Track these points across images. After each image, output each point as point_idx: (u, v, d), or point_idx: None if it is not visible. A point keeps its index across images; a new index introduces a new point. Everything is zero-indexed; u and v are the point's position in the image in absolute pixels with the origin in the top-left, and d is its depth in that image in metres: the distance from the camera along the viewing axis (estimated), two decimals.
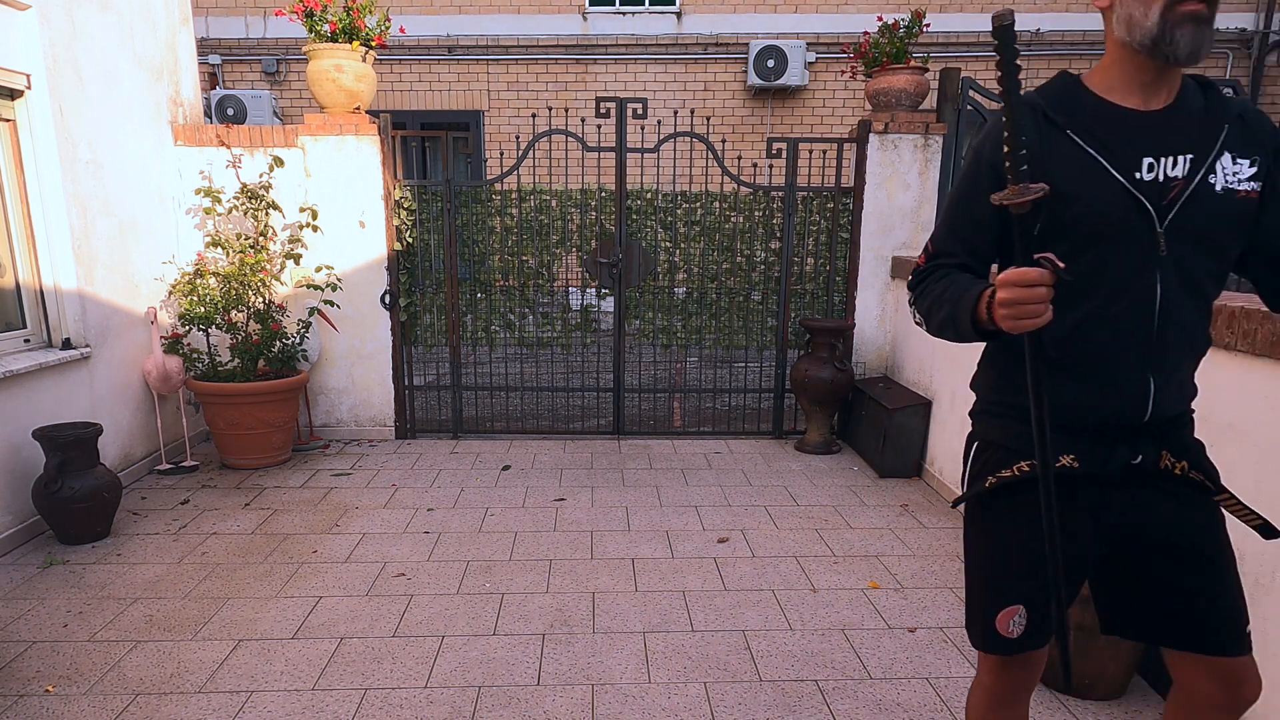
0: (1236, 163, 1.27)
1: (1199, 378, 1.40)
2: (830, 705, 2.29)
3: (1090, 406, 1.31)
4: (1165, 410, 1.32)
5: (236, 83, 8.65)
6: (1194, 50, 1.21)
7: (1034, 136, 1.28)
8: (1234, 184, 1.27)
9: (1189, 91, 1.31)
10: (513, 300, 5.01)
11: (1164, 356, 1.30)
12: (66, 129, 3.65)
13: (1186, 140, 1.26)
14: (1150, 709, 2.27)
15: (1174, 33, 1.20)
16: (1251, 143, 1.29)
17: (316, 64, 4.43)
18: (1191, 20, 1.19)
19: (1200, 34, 1.20)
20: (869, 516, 3.75)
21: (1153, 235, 1.26)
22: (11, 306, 3.56)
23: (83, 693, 2.32)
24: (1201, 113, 1.29)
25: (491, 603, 2.89)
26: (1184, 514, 1.35)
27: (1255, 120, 1.31)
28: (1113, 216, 1.26)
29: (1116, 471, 1.33)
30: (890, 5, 8.32)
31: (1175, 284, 1.27)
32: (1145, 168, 1.25)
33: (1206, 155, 1.26)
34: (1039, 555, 1.31)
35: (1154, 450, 1.33)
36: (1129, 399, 1.30)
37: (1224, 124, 1.28)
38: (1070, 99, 1.32)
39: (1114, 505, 1.35)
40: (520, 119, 8.60)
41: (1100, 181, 1.26)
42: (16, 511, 3.33)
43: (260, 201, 4.44)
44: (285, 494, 3.98)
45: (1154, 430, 1.32)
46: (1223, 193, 1.26)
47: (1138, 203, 1.25)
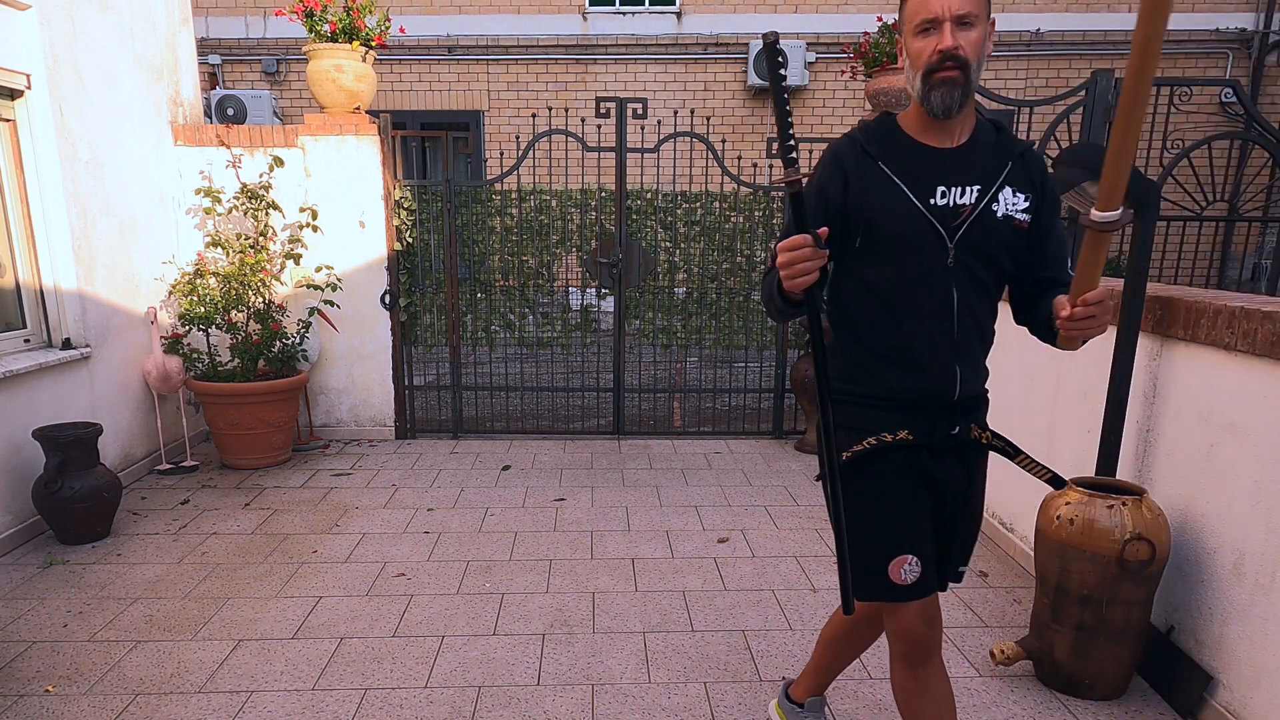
0: (1015, 195, 1.53)
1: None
2: (830, 705, 2.29)
3: (913, 389, 1.57)
4: (969, 391, 1.60)
5: (236, 83, 8.65)
6: (946, 108, 1.47)
7: (856, 165, 1.54)
8: (1012, 212, 1.53)
9: (982, 131, 1.57)
10: (513, 300, 5.01)
11: (964, 347, 1.56)
12: (66, 129, 3.65)
13: (976, 174, 1.52)
14: (1150, 709, 2.27)
15: (930, 94, 1.47)
16: (1028, 180, 1.55)
17: (316, 64, 4.43)
18: (943, 85, 1.45)
19: (950, 95, 1.45)
20: None
21: (945, 250, 1.51)
22: (11, 306, 3.57)
23: (83, 693, 2.33)
24: (991, 150, 1.55)
25: (491, 603, 2.89)
26: (978, 473, 1.69)
27: (1033, 161, 1.57)
28: (911, 234, 1.51)
29: (940, 441, 1.60)
30: (890, 5, 8.32)
31: (968, 289, 1.54)
32: (939, 195, 1.51)
33: (991, 186, 1.52)
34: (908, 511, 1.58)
35: (965, 423, 1.62)
36: (941, 382, 1.56)
37: (1008, 161, 1.54)
38: (885, 136, 1.57)
39: (939, 469, 1.61)
40: (520, 119, 8.60)
41: (902, 205, 1.51)
42: (16, 511, 3.33)
43: (260, 201, 4.44)
44: (285, 494, 3.98)
45: (962, 407, 1.60)
46: (1002, 219, 1.52)
47: (931, 223, 1.50)
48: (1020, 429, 3.29)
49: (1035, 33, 8.41)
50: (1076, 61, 8.48)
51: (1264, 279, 5.93)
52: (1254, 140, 4.74)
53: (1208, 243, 6.71)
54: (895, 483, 1.58)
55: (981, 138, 1.56)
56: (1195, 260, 5.51)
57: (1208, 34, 8.38)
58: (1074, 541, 2.21)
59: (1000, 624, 2.76)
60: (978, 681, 2.41)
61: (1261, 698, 2.00)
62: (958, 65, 1.43)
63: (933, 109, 1.48)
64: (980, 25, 1.45)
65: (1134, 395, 2.49)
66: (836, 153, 1.58)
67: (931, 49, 1.44)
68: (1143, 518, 2.15)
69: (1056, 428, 3.01)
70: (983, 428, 1.65)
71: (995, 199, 1.52)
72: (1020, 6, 8.45)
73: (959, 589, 3.00)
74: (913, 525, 1.58)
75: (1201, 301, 2.22)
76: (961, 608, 2.87)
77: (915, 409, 1.57)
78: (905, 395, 1.57)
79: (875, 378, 1.59)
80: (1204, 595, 2.22)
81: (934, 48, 1.44)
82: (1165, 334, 2.38)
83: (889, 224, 1.51)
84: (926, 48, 1.45)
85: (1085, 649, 2.26)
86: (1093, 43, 8.45)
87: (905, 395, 1.57)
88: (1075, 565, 2.22)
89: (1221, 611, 2.15)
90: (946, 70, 1.44)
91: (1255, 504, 2.03)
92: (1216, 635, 2.17)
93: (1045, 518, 2.33)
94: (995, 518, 3.49)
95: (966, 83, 1.45)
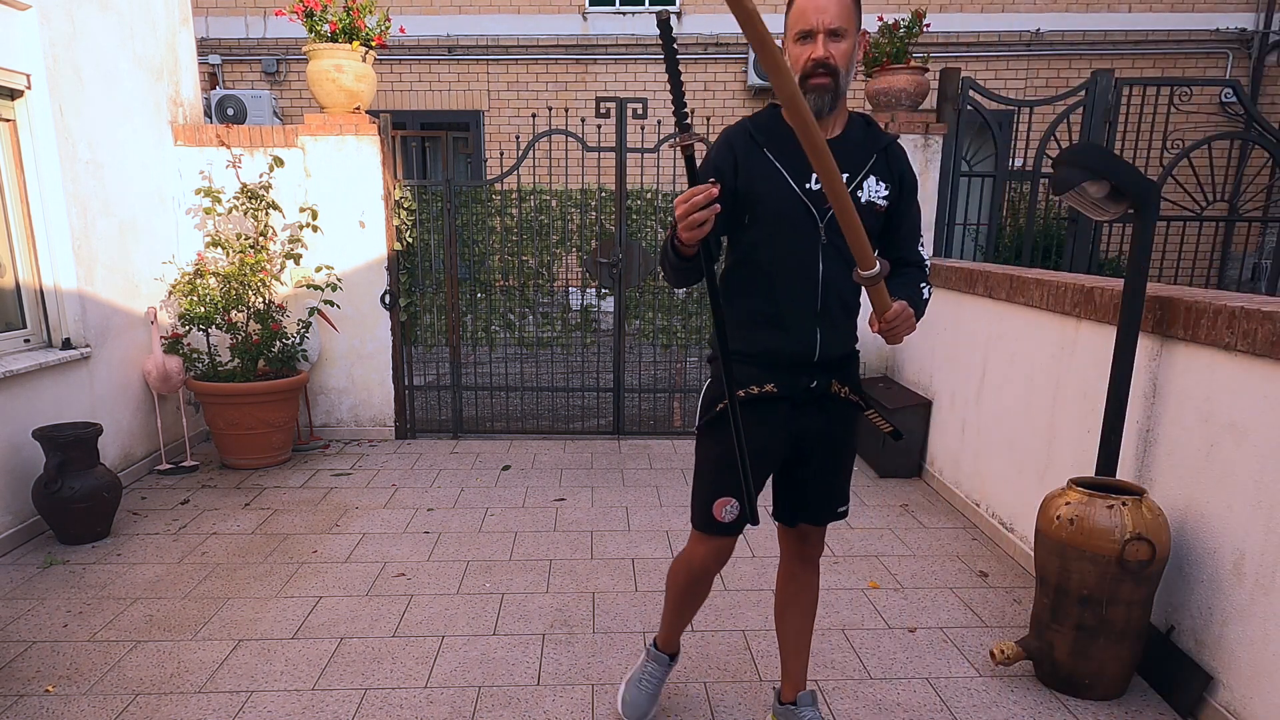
0: (878, 184, 1.77)
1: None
2: (830, 705, 2.29)
3: (779, 348, 1.80)
4: (830, 352, 1.82)
5: (236, 83, 8.65)
6: (818, 109, 1.67)
7: (744, 149, 1.75)
8: (874, 198, 1.76)
9: (854, 125, 1.79)
10: (513, 300, 5.01)
11: (826, 314, 1.78)
12: (66, 129, 3.65)
13: (846, 163, 1.71)
14: (1150, 709, 2.27)
15: (805, 96, 1.62)
16: (889, 171, 1.79)
17: (316, 64, 4.43)
18: (815, 89, 1.66)
19: (821, 98, 1.67)
20: (869, 516, 3.75)
21: (817, 228, 1.73)
22: (11, 306, 3.57)
23: (83, 693, 2.32)
24: (860, 143, 1.77)
25: (491, 603, 2.89)
26: (838, 423, 1.90)
27: (895, 154, 1.81)
28: (787, 213, 1.71)
29: (801, 394, 1.83)
30: (890, 5, 8.32)
31: (833, 264, 1.75)
32: (813, 180, 1.70)
33: (858, 175, 1.75)
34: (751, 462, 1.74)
35: (825, 379, 1.84)
36: (804, 343, 1.79)
37: (873, 153, 1.77)
38: (771, 125, 1.76)
39: (801, 418, 1.85)
40: (520, 119, 8.60)
41: (781, 187, 1.71)
42: (16, 511, 3.33)
43: (260, 201, 4.44)
44: (285, 494, 3.98)
45: (824, 365, 1.83)
46: (866, 204, 1.74)
47: (806, 205, 1.71)
48: (1020, 429, 3.29)
49: (1035, 33, 8.41)
50: (1076, 61, 8.48)
51: (1264, 279, 5.93)
52: (1254, 140, 4.74)
53: (1208, 243, 6.71)
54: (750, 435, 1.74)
55: (852, 132, 1.78)
56: (1195, 260, 5.51)
57: (1208, 34, 8.38)
58: (1074, 541, 2.21)
59: (1000, 624, 2.76)
60: (978, 681, 2.41)
61: (1261, 698, 2.00)
62: (829, 73, 1.65)
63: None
64: (850, 37, 1.66)
65: (1134, 395, 2.49)
66: (729, 138, 1.78)
67: (806, 56, 1.65)
68: (1143, 518, 2.15)
69: (1056, 428, 3.02)
70: (843, 383, 1.88)
71: (860, 186, 1.74)
72: (1020, 6, 8.45)
73: (959, 589, 3.00)
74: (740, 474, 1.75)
75: (1201, 301, 2.22)
76: (961, 608, 2.87)
77: (780, 366, 1.81)
78: (773, 354, 1.81)
79: (749, 338, 1.82)
80: (1204, 595, 2.22)
81: (808, 55, 1.65)
82: (1165, 334, 2.38)
83: (771, 204, 1.73)
84: (803, 54, 1.66)
85: (1085, 649, 2.26)
86: (1093, 43, 8.45)
87: (773, 354, 1.81)
88: (1075, 565, 2.22)
89: (1221, 611, 2.15)
90: (819, 77, 1.65)
91: (1255, 504, 2.03)
92: (1216, 635, 2.17)
93: (1045, 518, 2.33)
94: (995, 518, 3.49)
95: (836, 87, 1.67)
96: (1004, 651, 2.38)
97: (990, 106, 4.78)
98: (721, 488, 1.86)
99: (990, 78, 8.46)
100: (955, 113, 4.67)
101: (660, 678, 2.20)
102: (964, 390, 3.84)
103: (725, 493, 1.86)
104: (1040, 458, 3.13)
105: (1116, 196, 2.30)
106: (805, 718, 2.07)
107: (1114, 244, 6.55)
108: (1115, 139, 4.71)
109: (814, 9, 1.63)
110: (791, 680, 2.12)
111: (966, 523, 3.68)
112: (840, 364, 1.87)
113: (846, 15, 1.64)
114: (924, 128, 4.67)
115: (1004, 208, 5.04)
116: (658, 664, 2.20)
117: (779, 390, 1.82)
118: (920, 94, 4.70)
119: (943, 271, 4.10)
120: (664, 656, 2.20)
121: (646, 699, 2.18)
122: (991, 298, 3.54)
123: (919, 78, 4.65)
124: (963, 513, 3.78)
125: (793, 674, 2.12)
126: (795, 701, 2.11)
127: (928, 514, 3.79)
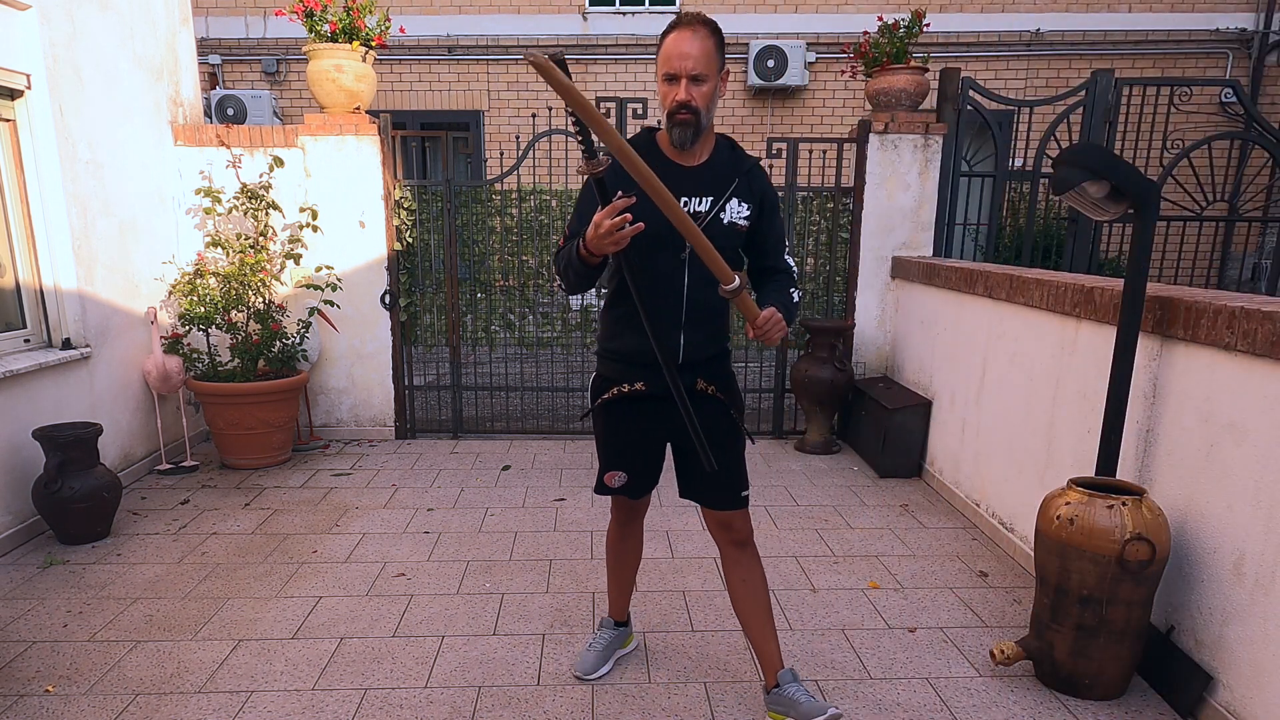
0: (741, 204, 2.00)
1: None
2: (830, 704, 2.29)
3: (647, 351, 1.95)
4: (694, 355, 2.04)
5: (236, 83, 8.65)
6: (682, 142, 1.93)
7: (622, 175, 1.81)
8: (735, 219, 1.99)
9: (720, 151, 2.02)
10: (513, 300, 5.01)
11: (690, 320, 2.01)
12: (66, 129, 3.65)
13: (710, 187, 1.97)
14: (1150, 709, 2.27)
15: (672, 130, 1.92)
16: (750, 192, 2.01)
17: (316, 64, 4.43)
18: (679, 125, 1.90)
19: (685, 133, 1.91)
20: (869, 516, 3.75)
21: (682, 245, 1.93)
22: (11, 306, 3.57)
23: (83, 693, 2.32)
24: (723, 167, 2.00)
25: (491, 603, 2.89)
26: (712, 418, 2.08)
27: (755, 176, 2.04)
28: (652, 231, 1.82)
29: (668, 391, 1.98)
30: (890, 5, 8.32)
31: (697, 277, 1.95)
32: (681, 203, 1.82)
33: (721, 198, 1.97)
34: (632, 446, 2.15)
35: (690, 378, 2.05)
36: (669, 347, 1.97)
37: (735, 178, 1.99)
38: (646, 149, 1.97)
39: (672, 413, 2.02)
40: (520, 119, 8.59)
41: (646, 209, 1.79)
42: (16, 511, 3.33)
43: (260, 201, 4.44)
44: (285, 494, 3.98)
45: (689, 366, 2.04)
46: (728, 224, 1.98)
47: (669, 225, 1.78)
48: (1020, 429, 3.29)
49: (1035, 33, 8.41)
50: (1076, 62, 8.47)
51: (1264, 279, 5.93)
52: (1254, 140, 4.74)
53: (1208, 243, 6.70)
54: (624, 423, 2.13)
55: (718, 157, 2.01)
56: (1195, 260, 5.51)
57: (1208, 34, 8.37)
58: (1074, 541, 2.21)
59: (1000, 624, 2.76)
60: (978, 681, 2.41)
61: (1261, 698, 2.00)
62: (691, 112, 1.88)
63: (673, 141, 1.94)
64: (711, 80, 1.88)
65: (1134, 395, 2.49)
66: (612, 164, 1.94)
67: (672, 97, 1.87)
68: (1143, 518, 2.15)
69: (1056, 428, 3.02)
70: (709, 381, 2.09)
71: (723, 208, 1.97)
72: (1020, 6, 8.44)
73: (959, 589, 3.00)
74: (631, 456, 2.16)
75: (1201, 301, 2.22)
76: (961, 608, 2.87)
77: (649, 366, 2.00)
78: (642, 355, 2.01)
79: (623, 340, 2.06)
80: (1204, 595, 2.22)
81: (674, 97, 1.87)
82: (1165, 334, 2.38)
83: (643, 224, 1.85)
84: (669, 94, 1.88)
85: (1085, 649, 2.26)
86: (1093, 43, 8.44)
87: (642, 355, 2.01)
88: (1075, 565, 2.22)
89: (1221, 611, 2.15)
90: (683, 114, 1.88)
91: (1255, 504, 2.03)
92: (1216, 635, 2.17)
93: (1045, 518, 2.33)
94: (995, 518, 3.49)
95: (698, 124, 1.91)
96: (1004, 651, 2.38)
97: (990, 106, 4.78)
98: (611, 463, 2.19)
99: (990, 78, 8.46)
100: (955, 113, 4.67)
101: (608, 641, 2.46)
102: (964, 390, 3.84)
103: (612, 467, 2.18)
104: (1040, 458, 3.13)
105: (1116, 196, 2.30)
106: (791, 694, 2.12)
107: (1114, 244, 6.54)
108: (1115, 139, 4.71)
109: (678, 56, 1.84)
110: (769, 664, 2.18)
111: (966, 523, 3.68)
112: (706, 364, 2.08)
113: (707, 62, 1.85)
114: (924, 128, 4.67)
115: (1004, 208, 5.04)
116: (605, 629, 2.49)
117: (647, 388, 2.06)
118: (920, 94, 4.70)
119: (943, 271, 4.10)
120: (610, 621, 2.50)
121: (595, 657, 2.43)
122: (991, 298, 3.54)
123: (919, 78, 4.65)
124: (963, 513, 3.78)
125: (768, 657, 2.18)
126: (778, 683, 2.15)
127: (928, 514, 3.79)
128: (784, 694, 2.13)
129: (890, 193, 4.78)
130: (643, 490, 2.24)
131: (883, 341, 4.99)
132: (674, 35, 1.86)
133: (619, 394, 2.09)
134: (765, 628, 2.18)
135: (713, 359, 2.11)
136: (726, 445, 2.10)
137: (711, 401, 2.10)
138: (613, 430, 2.16)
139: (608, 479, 2.20)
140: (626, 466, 2.17)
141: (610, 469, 2.19)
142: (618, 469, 2.18)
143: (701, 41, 1.84)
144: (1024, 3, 8.45)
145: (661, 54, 1.89)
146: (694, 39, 1.84)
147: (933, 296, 4.30)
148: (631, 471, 2.18)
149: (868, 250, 4.87)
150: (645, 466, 2.19)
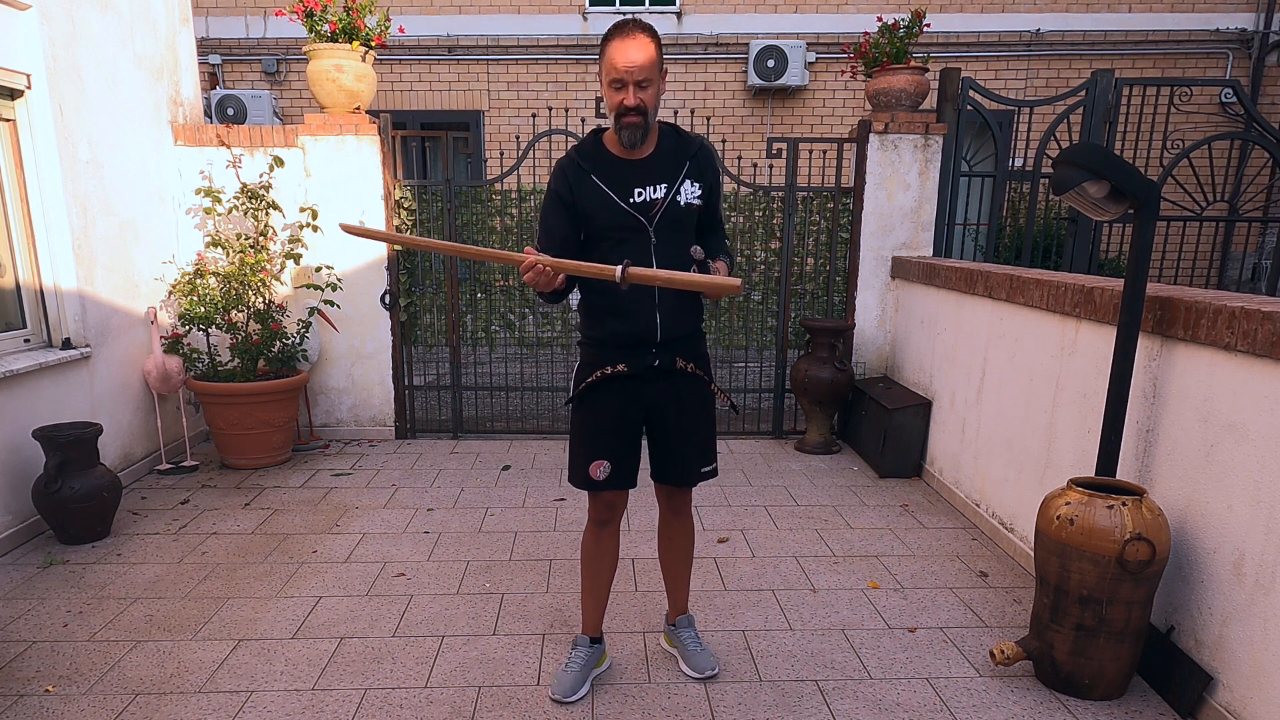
0: (693, 185, 2.13)
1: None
2: (830, 705, 2.30)
3: (626, 332, 2.13)
4: (670, 333, 2.14)
5: (236, 83, 8.65)
6: (631, 142, 2.04)
7: (575, 177, 2.08)
8: (690, 199, 2.13)
9: (665, 139, 2.14)
10: (513, 300, 5.01)
11: (664, 301, 2.11)
12: (66, 129, 3.65)
13: (662, 175, 2.10)
14: (1150, 709, 2.27)
15: (621, 132, 2.04)
16: (700, 173, 2.15)
17: (316, 64, 4.43)
18: (627, 127, 2.01)
19: (634, 134, 2.02)
20: (869, 516, 3.75)
21: (647, 232, 2.09)
22: (11, 306, 3.56)
23: (83, 693, 2.33)
24: (672, 154, 2.13)
25: (491, 603, 2.89)
26: (689, 394, 2.23)
27: (703, 156, 2.17)
28: (617, 224, 2.06)
29: (647, 370, 2.16)
30: (890, 5, 8.32)
31: (665, 257, 2.08)
32: (637, 194, 2.07)
33: (674, 182, 2.11)
34: (615, 430, 2.20)
35: (669, 356, 2.17)
36: (646, 327, 2.11)
37: (685, 161, 2.12)
38: (594, 153, 2.11)
39: (651, 391, 2.19)
40: (520, 119, 8.60)
41: (609, 205, 2.06)
42: (16, 511, 3.33)
43: (260, 201, 4.44)
44: (285, 494, 3.98)
45: (665, 345, 2.16)
46: (684, 206, 2.12)
47: (634, 216, 2.06)
48: (1020, 429, 3.29)
49: (1035, 33, 8.41)
50: (1076, 62, 8.47)
51: (1264, 279, 5.93)
52: (1254, 140, 4.74)
53: (1208, 243, 6.71)
54: (602, 404, 2.19)
55: (664, 144, 2.13)
56: (1195, 260, 5.51)
57: (1208, 34, 8.37)
58: (1074, 541, 2.21)
59: (1000, 624, 2.76)
60: (978, 681, 2.41)
61: (1261, 698, 2.00)
62: (640, 114, 1.99)
63: (622, 142, 2.05)
64: (655, 84, 1.99)
65: (1134, 395, 2.49)
66: (563, 169, 2.11)
67: (620, 101, 1.98)
68: (1143, 518, 2.15)
69: (1056, 428, 3.02)
70: (688, 359, 2.21)
71: (679, 192, 2.10)
72: (1020, 6, 8.44)
73: (959, 589, 3.00)
74: (614, 443, 2.19)
75: (1201, 301, 2.22)
76: (961, 608, 2.87)
77: (627, 347, 2.14)
78: (620, 337, 2.14)
79: (602, 324, 2.16)
80: (1204, 595, 2.22)
81: (621, 100, 1.97)
82: (1165, 334, 2.38)
83: (603, 219, 2.08)
84: (616, 99, 1.99)
85: (1085, 649, 2.26)
86: (1093, 43, 8.44)
87: (620, 337, 2.14)
88: (1075, 565, 2.22)
89: (1221, 611, 2.15)
90: (631, 116, 1.99)
91: (1255, 504, 2.03)
92: (1216, 635, 2.17)
93: (1045, 518, 2.33)
94: (995, 518, 3.49)
95: (645, 124, 2.02)
96: (1004, 651, 2.38)
97: (990, 106, 4.78)
98: (595, 451, 2.20)
99: (990, 78, 8.46)
100: (955, 113, 4.67)
101: (583, 660, 2.36)
102: (964, 390, 3.84)
103: (598, 455, 2.20)
104: (1040, 458, 3.13)
105: (1116, 196, 2.30)
106: (684, 637, 2.47)
107: (1114, 244, 6.55)
108: (1115, 139, 4.71)
109: (624, 62, 1.94)
110: (676, 605, 2.53)
111: (966, 523, 3.68)
112: (682, 342, 2.20)
113: (651, 67, 1.96)
114: (924, 128, 4.67)
115: (1004, 208, 5.04)
116: (579, 648, 2.39)
117: (629, 369, 2.15)
118: (920, 94, 4.70)
119: (943, 271, 4.10)
120: (585, 639, 2.41)
121: (572, 679, 2.33)
122: (991, 298, 3.54)
123: (919, 78, 4.65)
124: (963, 513, 3.78)
125: (676, 601, 2.52)
126: (675, 624, 2.51)
127: (928, 514, 3.79)
128: (678, 634, 2.48)
129: (890, 193, 4.78)
130: (625, 480, 2.25)
131: (883, 341, 4.99)
132: (617, 43, 1.96)
133: (602, 376, 2.16)
134: (680, 579, 2.49)
135: (688, 337, 2.21)
136: (703, 419, 2.27)
137: (691, 378, 2.23)
138: (592, 412, 2.21)
139: (593, 470, 2.20)
140: (609, 453, 2.19)
141: (595, 458, 2.20)
142: (601, 457, 2.19)
143: (645, 49, 1.95)
144: (1024, 3, 8.45)
145: (606, 61, 1.98)
146: (638, 48, 1.94)
147: (933, 297, 4.30)
148: (614, 458, 2.20)
149: (868, 250, 4.87)
150: (626, 450, 2.22)
